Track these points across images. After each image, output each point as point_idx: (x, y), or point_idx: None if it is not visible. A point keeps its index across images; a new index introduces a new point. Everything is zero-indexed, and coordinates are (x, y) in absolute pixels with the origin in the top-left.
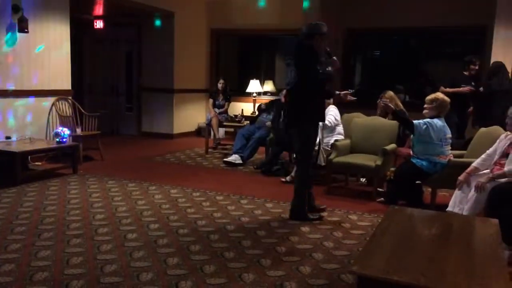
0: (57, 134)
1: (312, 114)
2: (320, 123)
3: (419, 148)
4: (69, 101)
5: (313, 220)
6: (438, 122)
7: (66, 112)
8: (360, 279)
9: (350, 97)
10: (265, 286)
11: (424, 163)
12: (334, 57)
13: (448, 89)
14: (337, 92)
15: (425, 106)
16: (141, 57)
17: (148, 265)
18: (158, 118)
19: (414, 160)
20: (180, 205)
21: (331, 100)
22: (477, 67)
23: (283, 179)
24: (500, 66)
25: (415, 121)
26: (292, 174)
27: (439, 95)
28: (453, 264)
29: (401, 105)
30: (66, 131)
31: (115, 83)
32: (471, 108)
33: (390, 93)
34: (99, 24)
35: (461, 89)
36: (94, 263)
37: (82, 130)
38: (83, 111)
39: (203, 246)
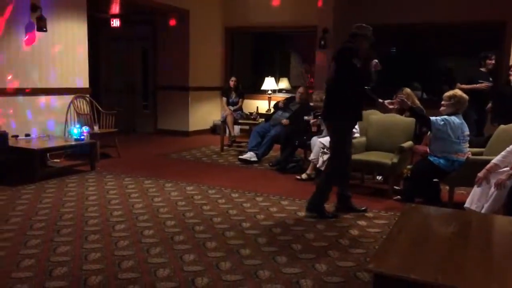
0: (71, 132)
1: (348, 111)
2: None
3: (436, 146)
4: (87, 99)
5: (329, 218)
6: (455, 119)
7: (83, 110)
8: (376, 277)
9: (393, 105)
10: (281, 283)
11: (441, 161)
12: (376, 60)
13: (465, 86)
14: (380, 100)
15: (443, 103)
16: (156, 55)
17: (164, 261)
18: (173, 116)
19: (431, 158)
20: (196, 202)
21: None
22: (493, 61)
23: (298, 177)
24: None
25: (432, 118)
26: (308, 171)
27: (457, 92)
28: (472, 262)
29: (418, 102)
30: (85, 129)
31: (131, 81)
32: (489, 105)
33: (407, 90)
34: (115, 22)
35: (478, 85)
36: (111, 259)
37: (99, 127)
38: (100, 109)
39: (219, 243)
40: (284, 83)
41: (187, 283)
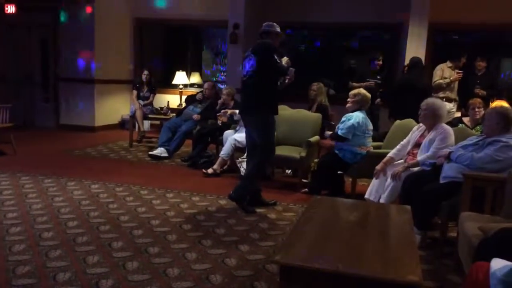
0: None
1: (271, 105)
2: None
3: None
4: None
5: (248, 211)
6: (360, 114)
7: None
8: (282, 268)
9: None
10: (190, 280)
11: (346, 154)
12: (286, 57)
13: (356, 84)
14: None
15: (348, 100)
16: (58, 45)
17: (65, 265)
18: (78, 110)
19: (337, 151)
20: (101, 201)
21: None
22: (381, 62)
23: (205, 171)
24: (417, 62)
25: (343, 134)
26: (214, 167)
27: (362, 90)
28: (370, 249)
29: (325, 100)
30: None
31: (30, 72)
32: (378, 100)
33: (321, 85)
34: (10, 9)
35: (365, 83)
36: (5, 265)
37: None
38: None
39: (125, 243)
40: (196, 78)
41: (90, 286)
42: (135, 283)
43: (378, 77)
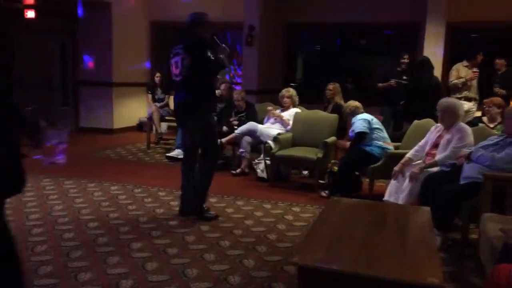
0: None
1: (210, 103)
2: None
3: (368, 137)
4: None
5: (210, 219)
6: (365, 114)
7: None
8: (300, 269)
9: None
10: (209, 280)
11: (374, 148)
12: (223, 44)
13: (380, 85)
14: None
15: (347, 116)
16: (76, 49)
17: (86, 265)
18: (96, 113)
19: (366, 148)
20: (120, 202)
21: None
22: (406, 61)
23: (234, 172)
24: (425, 62)
25: (362, 130)
26: (242, 166)
27: (346, 104)
28: (388, 251)
29: (341, 100)
30: None
31: (48, 76)
32: (403, 102)
33: (337, 85)
34: (30, 14)
35: (386, 84)
36: (27, 265)
37: None
38: None
39: (144, 243)
40: None
41: (110, 286)
42: (154, 284)
43: (404, 77)
